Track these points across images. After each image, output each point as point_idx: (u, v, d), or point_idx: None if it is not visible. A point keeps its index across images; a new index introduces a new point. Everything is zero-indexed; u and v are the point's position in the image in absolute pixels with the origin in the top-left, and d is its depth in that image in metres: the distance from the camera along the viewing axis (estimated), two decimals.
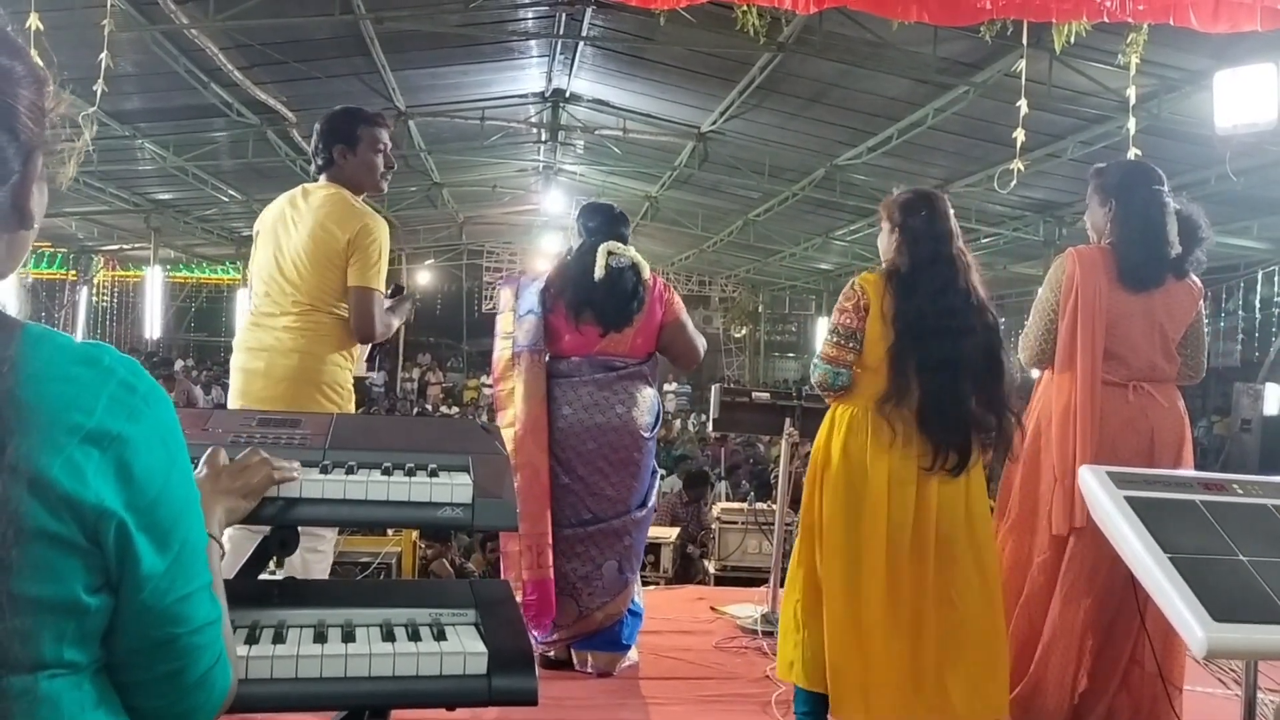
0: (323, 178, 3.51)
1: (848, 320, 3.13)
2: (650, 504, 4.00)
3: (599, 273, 3.82)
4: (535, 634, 3.77)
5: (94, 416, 1.02)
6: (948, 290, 3.07)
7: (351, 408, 3.49)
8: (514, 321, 3.93)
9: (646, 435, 3.87)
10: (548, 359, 3.91)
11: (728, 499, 8.83)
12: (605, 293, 3.83)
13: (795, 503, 6.82)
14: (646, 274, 3.91)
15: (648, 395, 3.92)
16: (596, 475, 3.80)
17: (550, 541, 3.73)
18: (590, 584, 3.81)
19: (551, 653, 3.88)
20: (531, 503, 3.69)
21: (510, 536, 3.74)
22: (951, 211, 3.22)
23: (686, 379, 25.19)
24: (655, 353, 3.98)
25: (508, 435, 3.76)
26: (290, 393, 3.31)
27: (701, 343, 4.08)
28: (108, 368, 1.06)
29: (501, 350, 3.95)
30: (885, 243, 3.31)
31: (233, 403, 3.45)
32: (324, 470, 1.75)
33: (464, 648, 1.62)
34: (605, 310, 3.84)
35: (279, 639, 1.61)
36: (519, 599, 3.67)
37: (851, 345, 3.12)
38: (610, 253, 3.86)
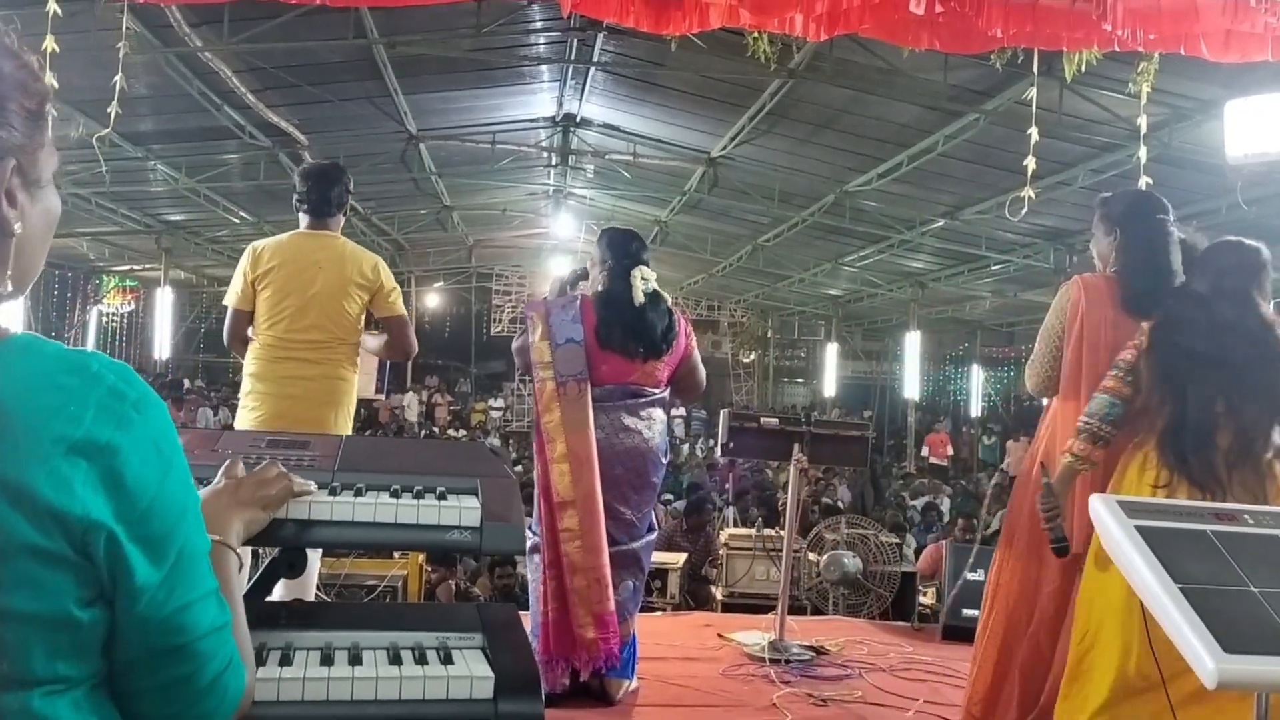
0: (331, 222, 4.10)
1: (1129, 355, 3.11)
2: (659, 528, 4.02)
3: (638, 298, 3.84)
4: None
5: (81, 426, 1.00)
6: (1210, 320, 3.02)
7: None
8: (550, 350, 3.83)
9: (662, 460, 3.94)
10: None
11: (736, 525, 8.80)
12: (644, 320, 3.86)
13: (804, 529, 6.82)
14: (670, 303, 3.99)
15: (663, 419, 3.97)
16: (619, 500, 3.81)
17: (608, 571, 3.69)
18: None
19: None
20: (594, 534, 3.65)
21: (577, 570, 3.65)
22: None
23: (699, 404, 25.19)
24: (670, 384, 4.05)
25: (564, 469, 3.69)
26: (320, 416, 3.86)
27: (704, 375, 4.18)
28: (96, 374, 1.04)
29: (543, 381, 3.80)
30: None
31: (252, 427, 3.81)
32: (333, 492, 1.75)
33: (470, 672, 1.62)
34: (645, 338, 3.86)
35: (286, 661, 1.61)
36: (591, 635, 3.61)
37: (1128, 380, 3.09)
38: (643, 278, 3.90)
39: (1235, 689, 1.72)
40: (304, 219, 4.12)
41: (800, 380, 28.73)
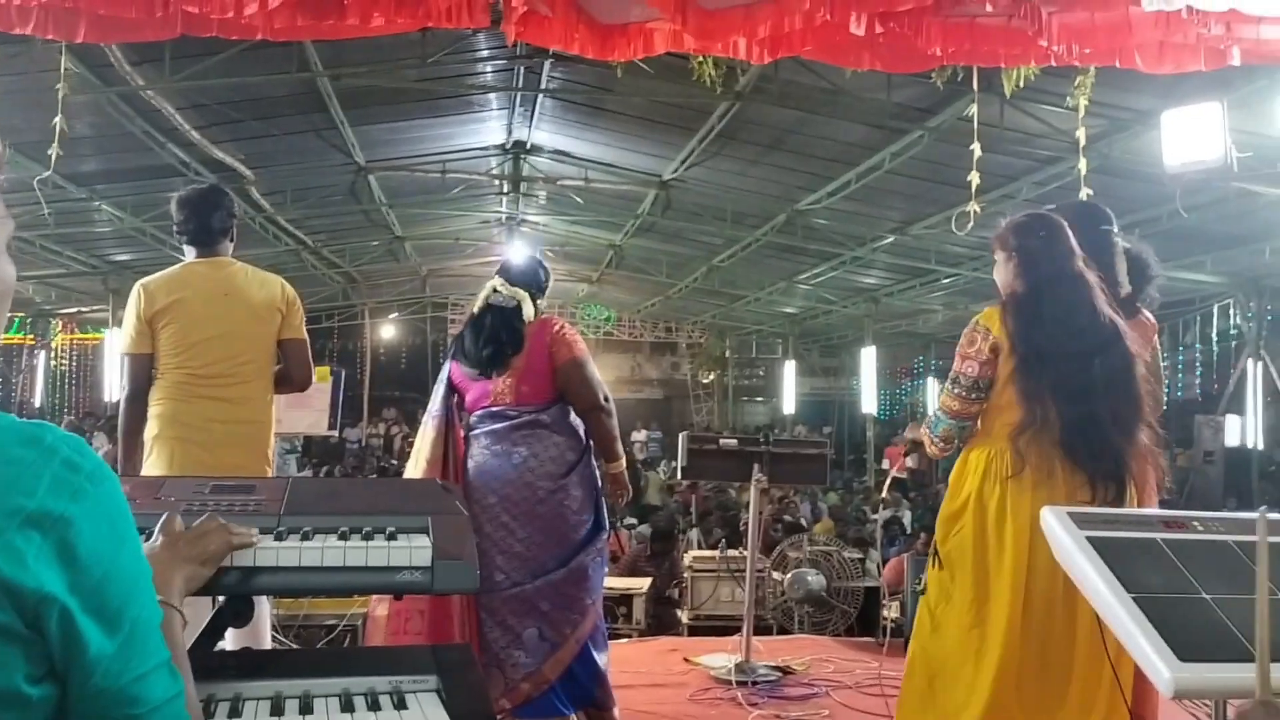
0: (220, 249, 3.75)
1: (970, 369, 2.96)
2: (575, 564, 3.65)
3: (477, 305, 3.78)
4: None
5: (35, 498, 0.99)
6: (1075, 311, 2.91)
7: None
8: (435, 392, 3.91)
9: (551, 486, 3.63)
10: (462, 417, 3.87)
11: (699, 547, 8.78)
12: (471, 332, 3.77)
13: (767, 549, 6.82)
14: (528, 314, 3.73)
15: (554, 444, 3.68)
16: (502, 531, 3.59)
17: (423, 609, 3.54)
18: (511, 654, 3.58)
19: None
20: None
21: (380, 599, 3.56)
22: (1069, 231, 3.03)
23: (657, 426, 25.13)
24: (559, 400, 3.73)
25: None
26: (240, 465, 3.46)
27: (602, 390, 3.75)
28: (50, 447, 1.03)
29: (423, 421, 3.91)
30: (1002, 273, 3.12)
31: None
32: (279, 537, 1.72)
33: (425, 716, 1.59)
34: (472, 352, 3.73)
35: (235, 713, 1.58)
36: None
37: (975, 396, 2.96)
38: (495, 289, 3.78)
39: (1193, 697, 1.73)
40: (189, 251, 3.75)
41: (760, 399, 28.80)
